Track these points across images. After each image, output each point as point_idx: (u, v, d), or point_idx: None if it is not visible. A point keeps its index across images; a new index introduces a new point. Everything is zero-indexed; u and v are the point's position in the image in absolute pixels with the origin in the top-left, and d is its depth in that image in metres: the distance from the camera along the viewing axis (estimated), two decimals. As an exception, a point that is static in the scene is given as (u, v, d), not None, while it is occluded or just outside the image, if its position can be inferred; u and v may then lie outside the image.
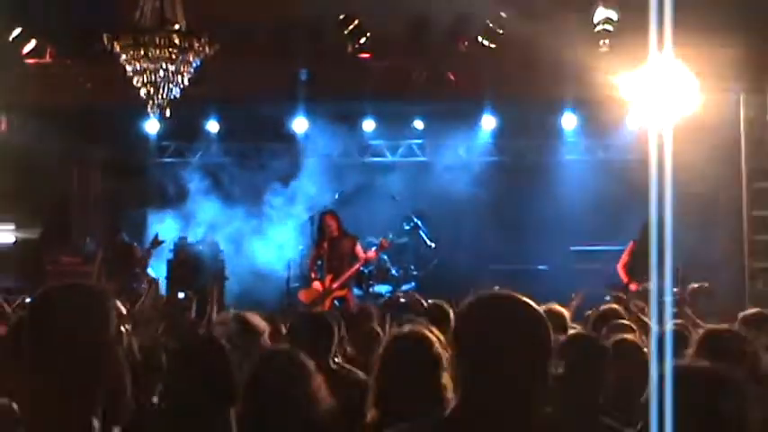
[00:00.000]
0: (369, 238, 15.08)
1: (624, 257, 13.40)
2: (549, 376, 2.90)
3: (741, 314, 7.59)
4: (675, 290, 12.42)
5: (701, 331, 5.51)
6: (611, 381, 5.01)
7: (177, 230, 16.98)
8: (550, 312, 8.09)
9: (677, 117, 12.30)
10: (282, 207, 17.40)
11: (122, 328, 5.67)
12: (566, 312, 8.32)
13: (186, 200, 17.80)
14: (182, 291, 14.23)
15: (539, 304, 3.03)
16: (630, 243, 13.43)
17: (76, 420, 2.91)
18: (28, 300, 12.05)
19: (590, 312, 9.02)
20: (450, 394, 4.43)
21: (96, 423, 2.95)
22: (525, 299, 2.97)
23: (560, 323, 7.57)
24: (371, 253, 14.33)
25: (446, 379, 4.45)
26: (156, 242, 14.35)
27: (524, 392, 2.83)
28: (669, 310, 7.24)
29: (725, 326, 5.82)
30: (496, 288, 3.19)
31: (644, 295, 12.09)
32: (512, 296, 2.98)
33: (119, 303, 5.76)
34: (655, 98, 12.54)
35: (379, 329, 7.60)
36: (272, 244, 17.32)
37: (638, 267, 12.89)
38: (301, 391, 4.35)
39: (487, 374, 2.83)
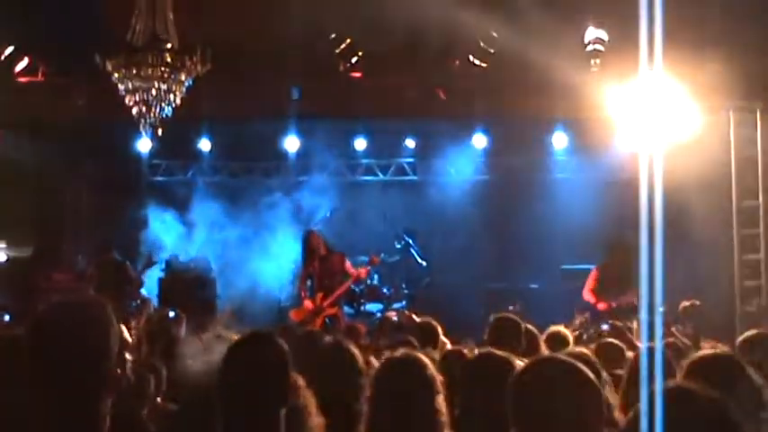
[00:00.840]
0: (360, 257, 15.07)
1: (590, 283, 13.38)
2: None
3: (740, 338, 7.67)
4: (661, 309, 12.46)
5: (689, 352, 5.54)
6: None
7: (169, 249, 16.96)
8: (557, 335, 8.17)
9: (668, 136, 12.35)
10: (274, 225, 17.40)
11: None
12: (570, 335, 8.39)
13: (178, 218, 17.80)
14: (172, 310, 14.24)
15: (533, 323, 3.05)
16: (594, 270, 13.45)
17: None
18: (6, 317, 12.05)
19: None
20: (443, 417, 4.42)
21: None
22: (578, 365, 2.95)
23: (564, 346, 7.63)
24: (362, 270, 14.30)
25: (440, 402, 4.45)
26: (150, 262, 14.35)
27: None
28: (660, 327, 7.25)
29: (717, 349, 5.85)
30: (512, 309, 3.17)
31: (618, 312, 12.21)
32: (565, 363, 2.96)
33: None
34: (645, 117, 12.56)
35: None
36: (264, 262, 17.31)
37: (605, 290, 12.95)
38: None
39: None
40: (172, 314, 14.00)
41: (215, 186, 18.11)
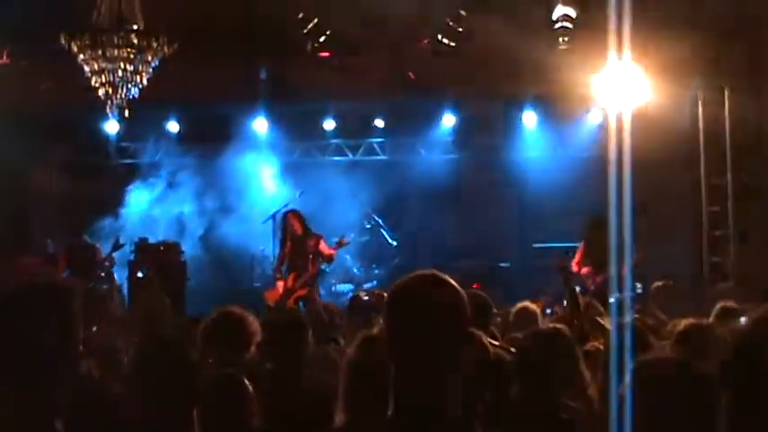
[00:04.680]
0: (331, 238, 15.04)
1: (578, 257, 13.37)
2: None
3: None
4: (639, 285, 12.52)
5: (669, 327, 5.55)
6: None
7: (137, 232, 16.87)
8: (524, 311, 8.19)
9: (636, 114, 12.39)
10: (243, 207, 17.35)
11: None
12: (537, 310, 8.40)
13: (146, 201, 17.72)
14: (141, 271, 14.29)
15: (503, 301, 3.04)
16: (582, 243, 13.42)
17: (39, 423, 2.89)
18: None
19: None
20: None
21: (60, 426, 2.93)
22: (448, 280, 2.93)
23: (532, 321, 7.66)
24: (331, 252, 14.22)
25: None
26: (118, 245, 14.29)
27: (451, 375, 2.82)
28: (630, 303, 7.29)
29: (700, 320, 5.88)
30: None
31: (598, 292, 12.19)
32: (433, 276, 2.94)
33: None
34: (613, 95, 12.62)
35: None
36: (233, 244, 17.26)
37: (590, 264, 12.95)
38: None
39: (414, 358, 2.81)
40: (140, 275, 14.04)
41: (183, 168, 18.01)
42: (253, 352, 5.71)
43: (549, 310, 10.60)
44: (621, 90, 12.42)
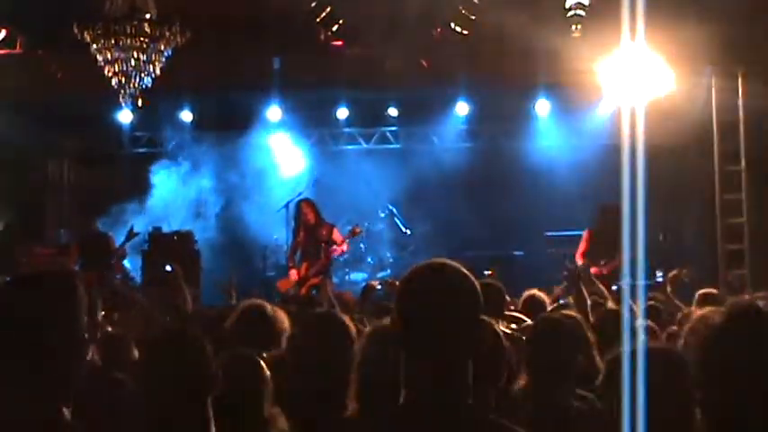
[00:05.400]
0: (345, 227, 15.05)
1: (582, 245, 13.36)
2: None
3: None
4: (659, 274, 12.51)
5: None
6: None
7: (151, 221, 16.90)
8: (533, 299, 8.18)
9: (649, 101, 12.35)
10: (257, 196, 17.37)
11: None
12: (546, 299, 8.38)
13: (160, 190, 17.74)
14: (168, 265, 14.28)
15: (517, 289, 3.03)
16: (586, 231, 13.41)
17: (45, 411, 2.90)
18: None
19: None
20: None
21: (67, 413, 2.94)
22: (460, 268, 2.94)
23: (541, 309, 7.64)
24: (343, 240, 14.22)
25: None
26: (132, 234, 14.31)
27: (463, 363, 2.82)
28: (643, 290, 7.26)
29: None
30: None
31: (608, 278, 12.20)
32: (445, 265, 2.94)
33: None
34: (627, 83, 12.59)
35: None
36: (247, 233, 17.29)
37: (596, 253, 12.94)
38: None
39: (426, 346, 2.81)
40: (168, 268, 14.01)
41: (197, 157, 18.03)
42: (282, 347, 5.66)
43: (562, 301, 10.59)
44: (635, 78, 12.40)
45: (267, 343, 5.54)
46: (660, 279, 12.42)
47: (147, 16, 10.58)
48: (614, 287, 11.42)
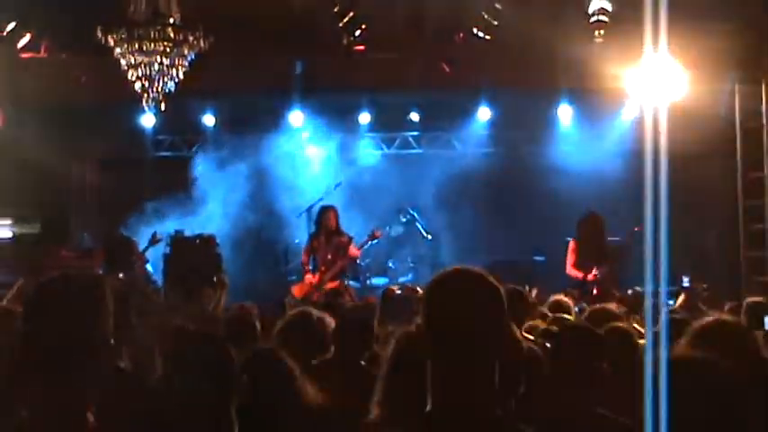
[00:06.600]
0: (366, 231, 15.06)
1: (571, 257, 13.46)
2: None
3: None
4: (686, 279, 12.58)
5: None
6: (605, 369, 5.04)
7: (174, 225, 16.92)
8: (558, 303, 8.19)
9: (672, 107, 12.32)
10: (278, 200, 17.38)
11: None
12: (571, 304, 8.41)
13: (183, 194, 17.76)
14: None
15: (539, 295, 3.03)
16: (571, 242, 13.51)
17: (70, 414, 2.91)
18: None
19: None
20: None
21: (91, 417, 2.95)
22: (484, 274, 2.95)
23: (566, 314, 7.65)
24: (356, 250, 14.38)
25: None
26: (155, 239, 14.34)
27: (489, 369, 2.83)
28: (665, 299, 7.26)
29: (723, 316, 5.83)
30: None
31: (602, 283, 12.36)
32: (471, 271, 2.95)
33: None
34: (649, 89, 12.56)
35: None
36: (269, 237, 17.31)
37: (585, 260, 13.06)
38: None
39: (452, 354, 2.83)
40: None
41: (219, 161, 18.06)
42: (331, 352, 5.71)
43: (576, 308, 10.61)
44: (657, 83, 12.36)
45: (316, 349, 5.61)
46: (686, 284, 12.45)
47: (171, 21, 10.62)
48: (629, 290, 11.53)
